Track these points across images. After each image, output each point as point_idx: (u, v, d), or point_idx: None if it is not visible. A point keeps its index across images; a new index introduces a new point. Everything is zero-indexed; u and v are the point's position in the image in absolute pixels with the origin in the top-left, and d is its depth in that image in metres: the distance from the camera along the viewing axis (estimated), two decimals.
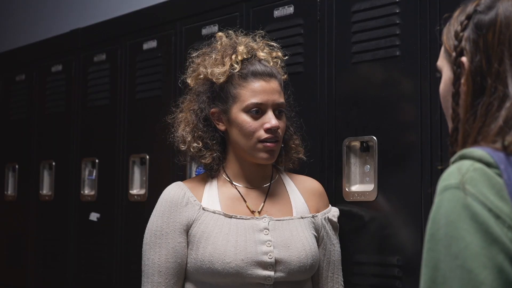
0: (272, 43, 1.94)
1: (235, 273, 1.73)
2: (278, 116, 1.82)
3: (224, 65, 1.82)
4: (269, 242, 1.76)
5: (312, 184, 1.97)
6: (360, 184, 2.04)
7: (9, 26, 4.68)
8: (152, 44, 2.78)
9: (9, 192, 3.55)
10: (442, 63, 1.14)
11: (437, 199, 0.97)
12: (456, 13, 1.13)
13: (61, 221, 3.18)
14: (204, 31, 2.55)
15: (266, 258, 1.74)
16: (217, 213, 1.81)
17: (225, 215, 1.80)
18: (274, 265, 1.75)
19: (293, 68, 2.19)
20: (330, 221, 1.93)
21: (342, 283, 1.94)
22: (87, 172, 3.05)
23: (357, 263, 2.00)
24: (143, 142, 2.80)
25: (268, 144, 1.80)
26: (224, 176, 1.89)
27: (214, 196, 1.85)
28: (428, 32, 1.89)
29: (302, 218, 1.86)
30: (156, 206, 1.87)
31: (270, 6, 2.32)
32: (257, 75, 1.81)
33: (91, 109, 3.08)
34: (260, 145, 1.81)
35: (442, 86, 1.14)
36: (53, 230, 3.24)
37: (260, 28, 2.00)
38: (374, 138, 1.99)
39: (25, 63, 3.56)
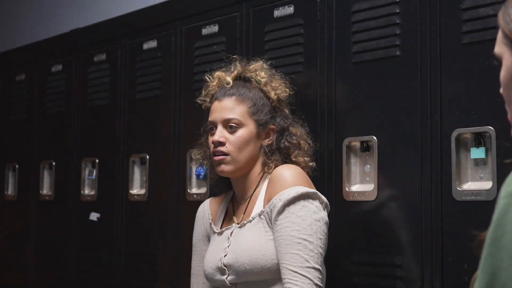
0: (266, 73, 2.01)
1: (209, 279, 1.96)
2: (229, 131, 1.94)
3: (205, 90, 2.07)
4: (226, 249, 1.91)
5: (273, 173, 1.89)
6: (360, 184, 2.04)
7: (9, 26, 4.68)
8: (152, 44, 2.78)
9: (9, 192, 3.55)
10: (502, 49, 1.05)
11: (502, 201, 0.89)
12: None
13: (61, 221, 3.18)
14: (204, 31, 2.55)
15: (220, 264, 1.89)
16: (214, 231, 2.02)
17: (217, 233, 2.01)
18: (226, 269, 1.88)
19: (293, 68, 2.19)
20: (273, 211, 1.82)
21: (292, 264, 1.75)
22: (87, 172, 3.05)
23: (358, 263, 2.00)
24: (143, 142, 2.80)
25: (215, 157, 1.95)
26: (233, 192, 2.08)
27: (222, 212, 2.06)
28: (428, 32, 1.89)
29: (251, 220, 1.88)
30: None
31: (270, 6, 2.32)
32: (215, 98, 1.99)
33: (91, 109, 3.08)
34: (214, 159, 1.96)
35: (504, 74, 1.05)
36: (53, 230, 3.24)
37: (260, 28, 2.00)
38: (374, 138, 1.99)
39: (25, 63, 3.56)
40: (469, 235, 1.69)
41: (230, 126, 1.93)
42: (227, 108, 1.94)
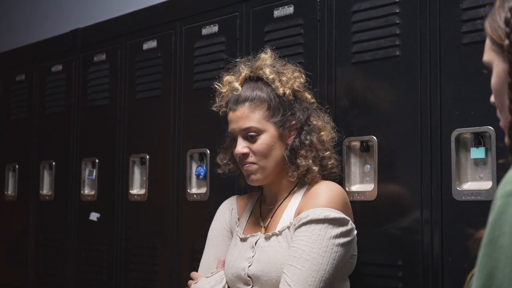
0: (277, 67, 1.95)
1: (230, 286, 1.92)
2: (251, 140, 1.89)
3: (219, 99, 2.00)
4: (250, 259, 1.87)
5: (312, 189, 1.89)
6: (360, 184, 2.04)
7: (9, 26, 4.68)
8: (152, 44, 2.78)
9: (9, 192, 3.55)
10: (491, 56, 1.06)
11: (499, 202, 0.89)
12: (498, 3, 1.04)
13: (61, 221, 3.18)
14: (204, 31, 2.55)
15: (243, 274, 1.86)
16: (238, 235, 1.97)
17: (240, 238, 1.96)
18: (251, 280, 1.85)
19: None
20: (298, 223, 1.80)
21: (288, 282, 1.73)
22: (87, 172, 3.05)
23: (358, 264, 1.99)
24: (143, 142, 2.80)
25: (244, 166, 1.92)
26: (261, 194, 2.05)
27: (247, 214, 2.02)
28: (428, 32, 1.89)
29: (278, 233, 1.84)
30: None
31: (270, 6, 2.32)
32: (229, 107, 1.93)
33: (91, 109, 3.08)
34: (243, 169, 1.94)
35: (495, 80, 1.05)
36: (53, 230, 3.24)
37: (260, 28, 2.00)
38: (374, 138, 2.00)
39: (25, 63, 3.56)
40: (468, 235, 1.70)
41: (250, 135, 1.88)
42: (242, 117, 1.88)
